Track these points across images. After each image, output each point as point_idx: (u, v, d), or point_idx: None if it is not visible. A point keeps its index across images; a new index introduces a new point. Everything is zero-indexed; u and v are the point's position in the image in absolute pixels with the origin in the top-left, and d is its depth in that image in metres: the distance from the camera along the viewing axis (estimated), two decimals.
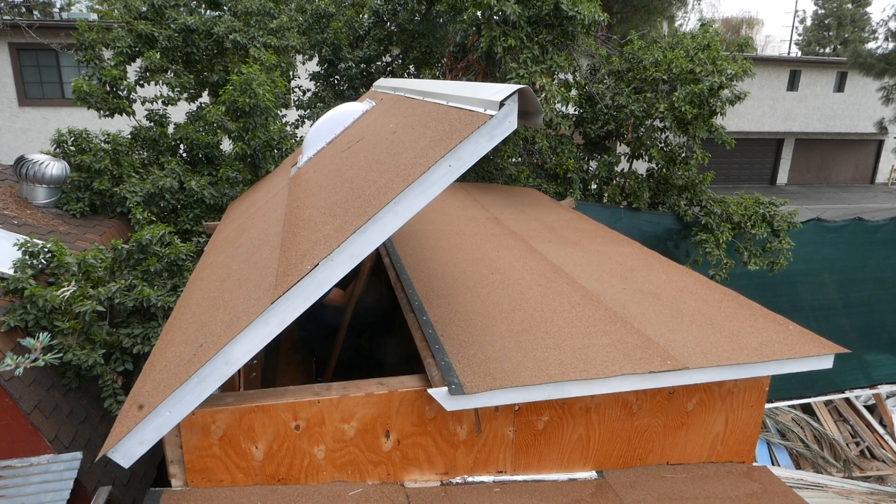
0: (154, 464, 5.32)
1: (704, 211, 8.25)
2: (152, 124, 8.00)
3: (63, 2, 20.05)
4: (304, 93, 9.90)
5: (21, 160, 6.98)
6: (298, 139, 8.51)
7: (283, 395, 2.61)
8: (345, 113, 4.90)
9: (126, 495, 4.81)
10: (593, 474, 2.99)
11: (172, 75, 7.89)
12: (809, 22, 38.24)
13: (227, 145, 8.00)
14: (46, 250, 5.21)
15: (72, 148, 7.41)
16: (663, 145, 8.65)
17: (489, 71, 7.89)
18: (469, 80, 7.80)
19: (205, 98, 8.60)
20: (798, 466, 8.08)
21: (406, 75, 9.67)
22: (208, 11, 8.61)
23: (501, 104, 2.31)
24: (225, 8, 8.56)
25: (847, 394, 9.03)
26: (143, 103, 7.93)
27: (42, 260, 5.20)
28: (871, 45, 18.17)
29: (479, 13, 7.11)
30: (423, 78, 8.78)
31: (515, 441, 2.86)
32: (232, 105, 7.22)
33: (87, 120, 9.19)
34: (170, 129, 8.06)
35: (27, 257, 5.09)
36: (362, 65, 9.55)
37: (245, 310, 2.49)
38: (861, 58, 17.06)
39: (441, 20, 9.11)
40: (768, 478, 3.08)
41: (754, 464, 3.24)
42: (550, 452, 2.93)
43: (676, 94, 7.78)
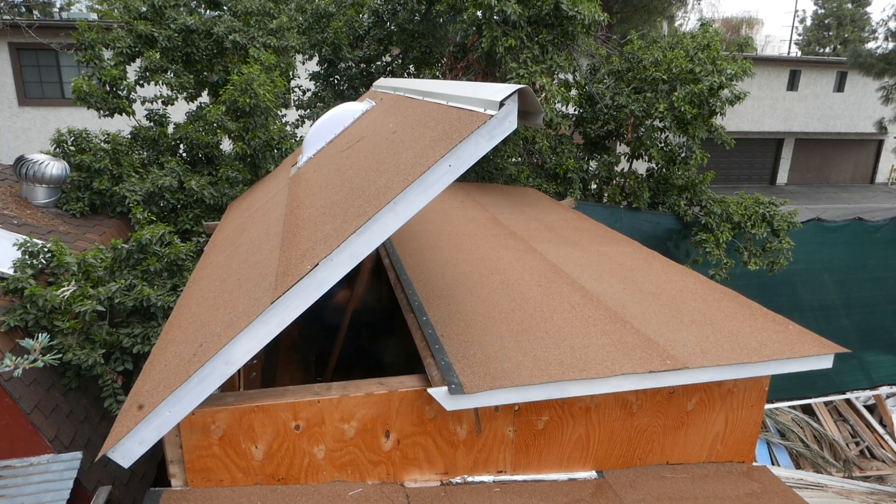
0: (154, 463, 5.32)
1: (704, 211, 8.25)
2: (152, 124, 8.00)
3: (63, 2, 20.03)
4: (304, 93, 9.90)
5: (21, 160, 6.98)
6: (298, 139, 8.51)
7: (283, 395, 2.61)
8: (345, 113, 4.90)
9: (126, 495, 4.81)
10: (593, 474, 2.99)
11: (172, 75, 7.89)
12: (809, 22, 38.24)
13: (227, 145, 8.00)
14: (46, 250, 5.21)
15: (72, 148, 7.42)
16: (663, 145, 8.66)
17: (489, 71, 7.90)
18: (469, 80, 7.80)
19: (204, 98, 8.60)
20: (798, 466, 8.08)
21: (406, 75, 9.66)
22: (208, 11, 8.61)
23: (501, 104, 2.32)
24: (225, 8, 8.55)
25: (848, 395, 9.02)
26: (143, 103, 7.93)
27: (42, 260, 5.20)
28: (871, 45, 18.17)
29: (480, 13, 7.12)
30: (423, 78, 8.78)
31: (515, 441, 2.86)
32: (232, 105, 7.22)
33: (87, 120, 9.20)
34: (170, 129, 8.06)
35: (27, 257, 5.09)
36: (362, 64, 9.55)
37: (245, 310, 2.50)
38: (861, 57, 17.06)
39: (441, 20, 9.11)
40: (768, 477, 3.08)
41: (754, 464, 3.24)
42: (550, 452, 2.93)
43: (676, 94, 7.79)
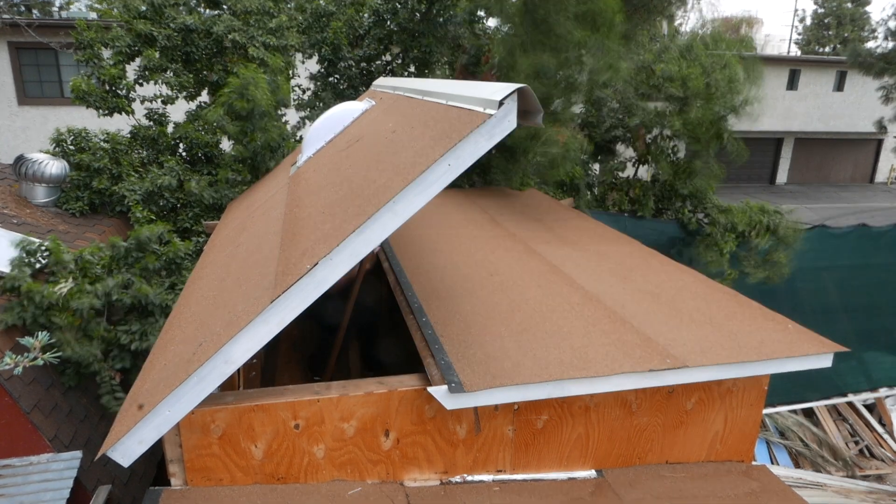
0: (154, 463, 5.32)
1: (709, 220, 8.16)
2: (151, 123, 7.99)
3: (62, 1, 19.99)
4: (304, 92, 9.89)
5: (20, 159, 6.98)
6: (298, 139, 8.50)
7: (283, 395, 2.61)
8: (344, 112, 4.89)
9: (126, 494, 4.81)
10: (592, 473, 3.00)
11: (172, 74, 7.88)
12: (809, 21, 38.17)
13: (227, 145, 7.99)
14: (44, 248, 5.20)
15: (71, 147, 7.41)
16: (670, 153, 8.56)
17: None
18: None
19: (204, 97, 8.59)
20: (797, 465, 8.08)
21: (406, 74, 9.65)
22: (207, 11, 8.60)
23: (501, 103, 2.31)
24: (224, 7, 8.54)
25: (851, 397, 9.00)
26: (143, 102, 7.93)
27: (40, 258, 5.20)
28: (871, 44, 18.14)
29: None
30: (428, 79, 8.74)
31: (515, 440, 2.86)
32: (230, 108, 7.22)
33: (87, 119, 9.16)
34: (169, 129, 8.05)
35: (25, 255, 5.09)
36: (362, 64, 9.54)
37: (245, 309, 2.49)
38: (860, 57, 17.03)
39: (441, 20, 9.09)
40: (767, 477, 3.09)
41: (753, 463, 3.24)
42: (550, 451, 2.93)
43: (693, 115, 7.52)
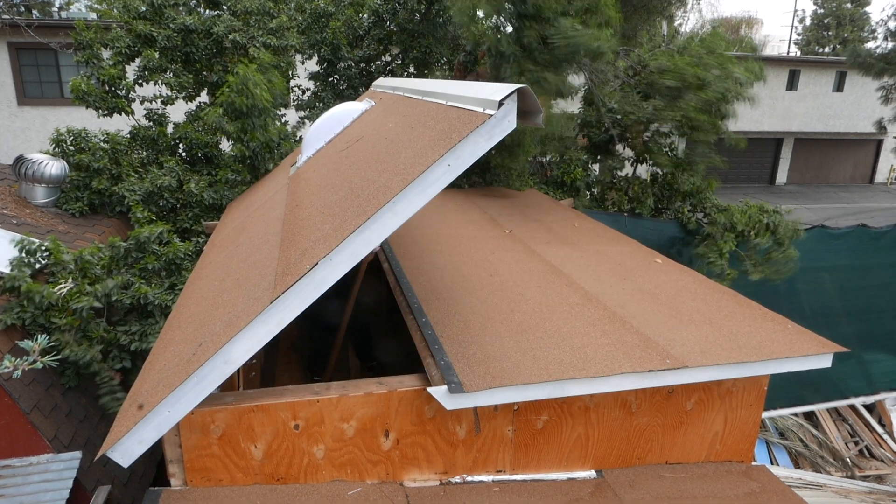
0: (153, 463, 5.32)
1: (708, 219, 8.16)
2: (151, 124, 7.99)
3: (62, 1, 20.00)
4: (304, 92, 9.89)
5: (20, 159, 6.98)
6: (298, 139, 8.50)
7: (283, 395, 2.61)
8: (344, 112, 4.90)
9: (125, 495, 4.81)
10: (592, 473, 2.99)
11: (171, 75, 7.88)
12: (809, 21, 38.21)
13: (227, 145, 7.99)
14: (44, 248, 5.20)
15: (71, 147, 7.41)
16: (668, 150, 8.56)
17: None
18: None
19: (204, 97, 8.60)
20: (797, 466, 8.08)
21: (406, 75, 9.66)
22: (207, 11, 8.60)
23: (500, 104, 2.32)
24: (224, 7, 8.55)
25: (852, 400, 8.98)
26: (142, 103, 7.93)
27: (39, 259, 5.19)
28: (871, 45, 18.14)
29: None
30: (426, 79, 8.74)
31: (514, 440, 2.86)
32: (230, 107, 7.22)
33: (87, 119, 9.18)
34: (169, 129, 8.05)
35: (24, 255, 5.08)
36: (362, 64, 9.54)
37: (244, 309, 2.49)
38: (860, 57, 17.04)
39: (441, 20, 9.10)
40: (767, 477, 3.09)
41: (753, 463, 3.24)
42: (549, 452, 2.93)
43: (687, 103, 7.57)
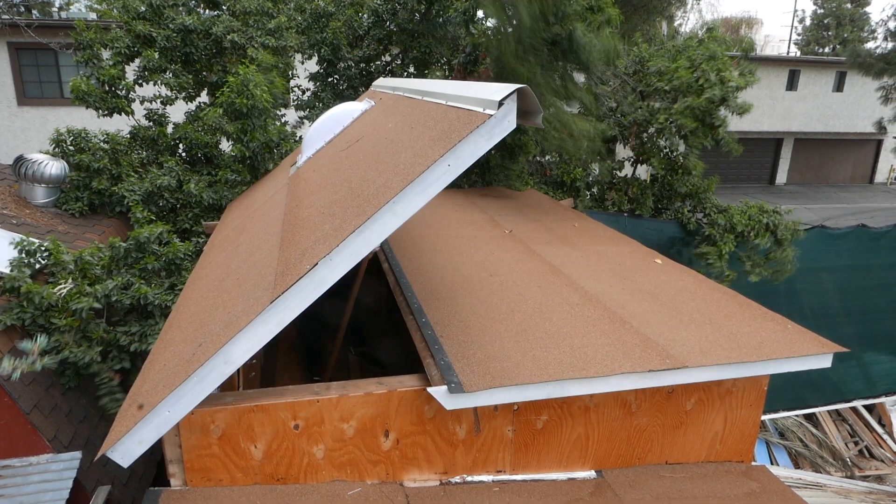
0: (153, 463, 5.32)
1: (708, 220, 8.16)
2: (151, 124, 7.99)
3: (62, 1, 20.00)
4: (304, 92, 9.89)
5: (20, 160, 6.97)
6: (298, 139, 8.50)
7: (283, 395, 2.61)
8: (344, 112, 4.90)
9: (125, 495, 4.81)
10: (592, 474, 2.99)
11: (171, 75, 7.88)
12: (808, 21, 38.23)
13: (227, 145, 7.99)
14: (43, 249, 5.19)
15: (71, 147, 7.41)
16: (666, 151, 8.59)
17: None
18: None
19: (203, 98, 8.60)
20: (797, 466, 8.08)
21: (406, 75, 9.65)
22: (206, 11, 8.60)
23: (500, 104, 2.32)
24: (223, 8, 8.55)
25: (854, 402, 8.97)
26: (142, 103, 7.93)
27: (39, 259, 5.19)
28: (871, 45, 18.16)
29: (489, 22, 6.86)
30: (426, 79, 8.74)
31: (514, 440, 2.86)
32: (230, 107, 7.22)
33: (86, 119, 9.18)
34: (169, 129, 8.05)
35: (24, 255, 5.08)
36: (361, 64, 9.54)
37: (244, 309, 2.49)
38: (860, 57, 17.05)
39: (441, 20, 9.09)
40: (767, 477, 3.09)
41: (753, 463, 3.24)
42: (549, 452, 2.93)
43: (676, 107, 7.66)
